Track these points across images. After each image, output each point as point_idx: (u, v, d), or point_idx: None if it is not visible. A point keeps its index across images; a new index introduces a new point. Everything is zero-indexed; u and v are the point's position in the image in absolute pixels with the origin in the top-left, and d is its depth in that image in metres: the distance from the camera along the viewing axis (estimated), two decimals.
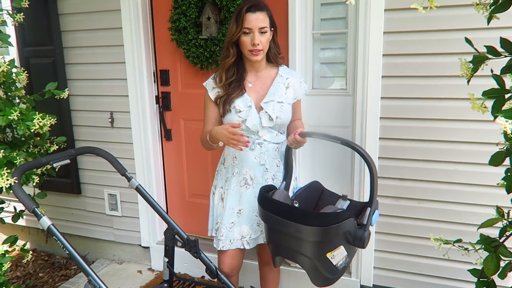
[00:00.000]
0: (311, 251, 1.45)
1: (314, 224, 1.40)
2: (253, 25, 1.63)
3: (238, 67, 1.75)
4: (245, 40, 1.65)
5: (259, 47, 1.65)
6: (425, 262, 2.13)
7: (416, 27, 1.91)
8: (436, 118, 1.97)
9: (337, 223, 1.38)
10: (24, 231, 3.21)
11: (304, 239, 1.43)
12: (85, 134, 2.79)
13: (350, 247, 1.49)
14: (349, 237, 1.44)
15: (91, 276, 1.35)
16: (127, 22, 2.47)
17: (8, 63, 1.69)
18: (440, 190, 2.03)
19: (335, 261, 1.45)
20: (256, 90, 1.76)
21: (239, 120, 1.71)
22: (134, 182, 1.77)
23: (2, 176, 1.41)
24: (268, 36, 1.68)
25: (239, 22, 1.64)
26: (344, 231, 1.42)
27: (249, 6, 1.64)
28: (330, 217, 1.43)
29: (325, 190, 1.80)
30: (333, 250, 1.44)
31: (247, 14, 1.63)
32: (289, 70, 1.84)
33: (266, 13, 1.67)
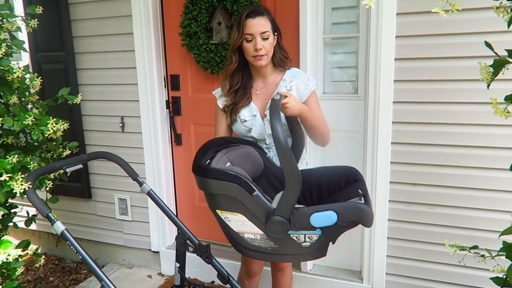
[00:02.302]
0: (207, 201, 1.43)
1: (196, 172, 1.39)
2: (254, 31, 1.61)
3: (243, 75, 1.74)
4: (247, 47, 1.64)
5: (262, 52, 1.63)
6: (438, 268, 2.10)
7: (428, 31, 1.90)
8: (449, 123, 1.95)
9: (210, 178, 1.33)
10: (35, 235, 3.23)
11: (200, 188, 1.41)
12: (96, 139, 2.81)
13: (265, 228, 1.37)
14: (253, 212, 1.33)
15: (104, 281, 1.35)
16: (138, 27, 2.49)
17: (23, 68, 1.70)
18: (453, 195, 2.01)
19: (235, 227, 1.39)
20: (262, 98, 1.75)
21: (245, 129, 1.72)
22: (145, 187, 1.77)
23: (16, 181, 1.42)
24: (271, 40, 1.66)
25: (240, 29, 1.63)
26: (228, 195, 1.32)
27: (249, 12, 1.63)
28: (206, 169, 1.37)
29: (360, 182, 1.54)
30: (225, 212, 1.38)
31: (247, 20, 1.62)
32: (296, 72, 1.77)
33: (267, 17, 1.65)
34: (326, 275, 2.37)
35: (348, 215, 1.28)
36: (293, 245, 1.35)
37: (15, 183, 1.42)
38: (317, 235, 1.32)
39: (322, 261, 2.45)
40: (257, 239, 1.37)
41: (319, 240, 1.34)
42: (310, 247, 1.35)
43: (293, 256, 1.42)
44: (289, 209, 1.27)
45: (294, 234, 1.32)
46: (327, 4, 2.15)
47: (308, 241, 1.34)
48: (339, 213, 1.27)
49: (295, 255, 1.41)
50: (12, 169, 1.49)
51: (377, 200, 2.13)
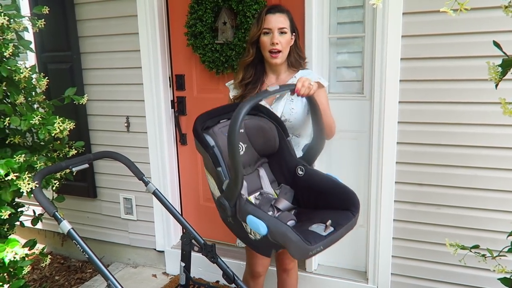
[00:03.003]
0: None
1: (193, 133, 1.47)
2: (273, 26, 1.67)
3: (257, 69, 1.77)
4: (264, 40, 1.69)
5: (278, 47, 1.67)
6: (444, 269, 2.09)
7: (435, 30, 1.89)
8: (456, 123, 1.94)
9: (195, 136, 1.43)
10: (40, 234, 3.24)
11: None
12: (101, 139, 2.82)
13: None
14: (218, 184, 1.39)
15: (110, 280, 1.36)
16: (144, 27, 2.50)
17: (30, 68, 1.71)
18: (460, 195, 2.00)
19: (212, 187, 1.48)
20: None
21: None
22: (151, 186, 1.77)
23: (23, 180, 1.42)
24: (288, 38, 1.70)
25: (259, 23, 1.69)
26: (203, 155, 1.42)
27: (270, 8, 1.70)
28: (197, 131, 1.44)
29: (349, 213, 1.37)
30: (207, 171, 1.47)
31: (267, 15, 1.68)
32: (307, 72, 1.78)
33: (286, 15, 1.70)
34: (331, 275, 2.37)
35: (277, 236, 1.22)
36: (243, 230, 1.39)
37: (22, 182, 1.43)
38: (259, 235, 1.30)
39: (327, 261, 2.44)
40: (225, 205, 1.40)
41: (262, 240, 1.32)
42: (255, 242, 1.38)
43: (242, 238, 1.50)
44: (232, 197, 1.31)
45: (243, 222, 1.33)
46: (333, 3, 2.15)
47: (253, 235, 1.35)
48: (270, 229, 1.22)
49: (243, 239, 1.48)
50: (19, 168, 1.50)
51: (383, 201, 2.12)
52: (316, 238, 1.24)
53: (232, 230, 1.49)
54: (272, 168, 1.65)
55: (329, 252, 2.39)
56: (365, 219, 2.27)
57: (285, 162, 1.61)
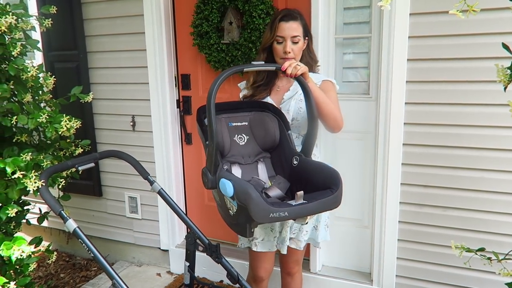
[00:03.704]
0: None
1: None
2: (286, 34, 1.66)
3: (270, 73, 1.78)
4: (277, 48, 1.69)
5: (290, 56, 1.67)
6: (450, 272, 2.07)
7: (442, 31, 1.88)
8: (462, 124, 1.93)
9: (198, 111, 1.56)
10: (46, 232, 3.26)
11: None
12: (107, 137, 2.83)
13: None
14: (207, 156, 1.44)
15: (115, 279, 1.36)
16: (150, 26, 2.50)
17: (37, 67, 1.72)
18: (466, 198, 1.98)
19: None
20: (280, 94, 1.77)
21: None
22: (156, 186, 1.78)
23: (30, 179, 1.43)
24: (301, 45, 1.70)
25: (273, 30, 1.68)
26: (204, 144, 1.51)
27: (283, 16, 1.68)
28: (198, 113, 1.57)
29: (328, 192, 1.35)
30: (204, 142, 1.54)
31: (281, 23, 1.67)
32: (316, 76, 1.78)
33: (299, 22, 1.69)
34: (335, 276, 2.36)
35: (240, 195, 1.25)
36: (225, 208, 1.44)
37: (29, 180, 1.43)
38: (235, 207, 1.32)
39: (331, 262, 2.44)
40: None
41: (237, 214, 1.33)
42: (233, 218, 1.39)
43: (225, 218, 1.52)
44: (209, 164, 1.40)
45: (223, 195, 1.37)
46: (339, 4, 2.14)
47: (231, 210, 1.38)
48: (235, 188, 1.27)
49: (226, 219, 1.51)
50: (26, 166, 1.50)
51: (388, 202, 2.11)
52: (282, 205, 1.26)
53: (220, 213, 1.54)
54: (273, 162, 1.67)
55: (334, 253, 2.40)
56: (370, 220, 2.26)
57: (284, 155, 1.63)
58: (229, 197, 1.33)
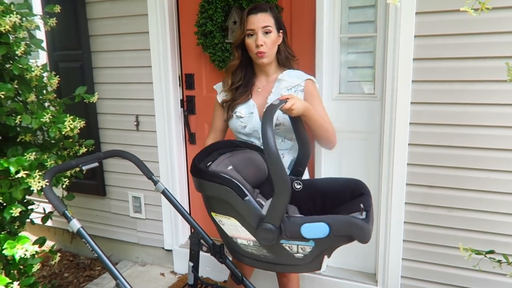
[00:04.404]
0: (204, 203, 1.45)
1: (192, 173, 1.41)
2: (256, 26, 1.62)
3: (247, 72, 1.74)
4: (250, 43, 1.65)
5: (263, 49, 1.63)
6: (455, 273, 2.05)
7: (448, 30, 1.86)
8: (469, 124, 1.91)
9: (201, 178, 1.36)
10: (50, 231, 3.27)
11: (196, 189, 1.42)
12: (111, 137, 2.83)
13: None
14: (245, 218, 1.29)
15: (119, 279, 1.36)
16: (154, 26, 2.50)
17: (41, 67, 1.71)
18: (472, 198, 1.96)
19: (229, 231, 1.36)
20: (263, 96, 1.73)
21: (241, 125, 1.71)
22: (160, 185, 1.77)
23: (34, 178, 1.43)
24: (274, 37, 1.65)
25: (242, 25, 1.65)
26: (221, 198, 1.31)
27: (251, 8, 1.65)
28: (201, 170, 1.38)
29: (367, 196, 1.46)
30: (219, 215, 1.37)
31: (249, 17, 1.64)
32: (295, 73, 1.74)
33: (269, 14, 1.65)
34: (339, 277, 2.35)
35: (341, 229, 1.23)
36: (285, 254, 1.31)
37: (33, 180, 1.43)
38: (310, 247, 1.27)
39: (336, 263, 2.42)
40: (250, 246, 1.35)
41: (312, 252, 1.29)
42: (304, 258, 1.30)
43: (285, 266, 1.37)
44: (278, 216, 1.22)
45: (287, 243, 1.27)
46: (344, 3, 2.13)
47: (301, 252, 1.29)
48: (332, 226, 1.22)
49: (288, 266, 1.36)
50: (29, 166, 1.50)
51: (393, 202, 2.09)
52: (364, 220, 1.26)
53: (274, 263, 1.36)
54: (265, 194, 1.58)
55: (338, 253, 2.37)
56: (375, 221, 2.24)
57: None
58: (313, 238, 1.25)
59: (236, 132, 1.77)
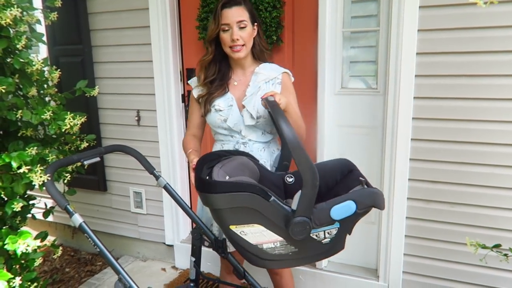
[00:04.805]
0: (216, 220, 1.42)
1: (202, 189, 1.33)
2: (231, 20, 1.57)
3: (221, 66, 1.70)
4: (225, 37, 1.60)
5: (239, 43, 1.59)
6: (457, 268, 2.05)
7: (453, 24, 1.85)
8: (472, 119, 1.90)
9: (220, 192, 1.27)
10: (51, 226, 3.27)
11: (208, 206, 1.36)
12: (112, 132, 2.82)
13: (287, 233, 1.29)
14: (271, 219, 1.28)
15: (121, 274, 1.35)
16: (155, 20, 2.48)
17: (42, 61, 1.70)
18: (475, 193, 1.96)
19: (253, 240, 1.32)
20: (240, 89, 1.70)
21: (220, 119, 1.67)
22: (162, 180, 1.77)
23: (35, 173, 1.42)
24: (249, 31, 1.62)
25: (216, 19, 1.60)
26: (243, 206, 1.27)
27: (225, 2, 1.59)
28: (214, 184, 1.32)
29: (355, 171, 1.52)
30: (240, 226, 1.31)
31: (224, 10, 1.58)
32: (271, 66, 1.73)
33: (244, 7, 1.60)
34: (341, 272, 2.35)
35: (366, 202, 1.29)
36: (313, 244, 1.32)
37: (34, 175, 1.42)
38: (336, 228, 1.31)
39: (337, 258, 2.42)
40: (277, 247, 1.34)
41: (338, 234, 1.32)
42: (331, 242, 1.33)
43: (314, 256, 1.39)
44: (310, 207, 1.23)
45: (315, 232, 1.29)
46: None
47: (328, 236, 1.32)
48: (357, 201, 1.27)
49: (316, 255, 1.38)
50: (31, 161, 1.49)
51: (395, 198, 2.09)
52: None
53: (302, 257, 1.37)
54: None
55: None
56: (376, 216, 2.24)
57: (271, 182, 1.58)
58: (342, 219, 1.28)
59: (215, 127, 1.72)
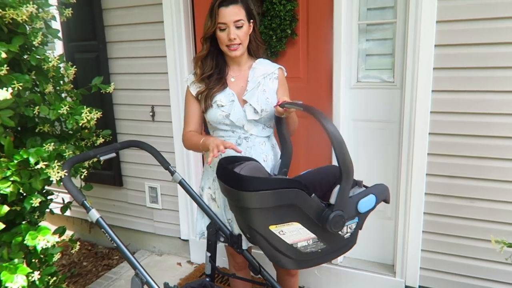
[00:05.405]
0: (253, 221, 1.34)
1: (245, 188, 1.29)
2: (228, 20, 1.55)
3: (218, 62, 1.68)
4: (221, 36, 1.58)
5: (236, 42, 1.58)
6: (477, 264, 2.02)
7: (472, 15, 1.80)
8: (492, 113, 1.85)
9: (268, 189, 1.26)
10: (68, 221, 3.32)
11: (243, 207, 1.32)
12: (127, 128, 2.84)
13: (321, 230, 1.32)
14: (308, 215, 1.30)
15: (138, 269, 1.36)
16: (169, 16, 2.48)
17: (58, 57, 1.72)
18: (495, 189, 1.91)
19: (289, 239, 1.32)
20: (239, 84, 1.69)
21: (222, 114, 1.64)
22: (177, 176, 1.77)
23: (53, 169, 1.44)
24: (246, 29, 1.60)
25: (213, 18, 1.57)
26: (288, 204, 1.28)
27: (222, 1, 1.56)
28: (262, 181, 1.32)
29: None
30: (280, 225, 1.31)
31: (221, 9, 1.55)
32: (266, 62, 1.73)
33: (241, 5, 1.58)
34: (356, 268, 2.33)
35: (381, 196, 1.38)
36: (338, 239, 1.37)
37: (52, 171, 1.44)
38: (355, 223, 1.37)
39: (353, 254, 2.40)
40: (309, 245, 1.36)
41: (356, 228, 1.39)
42: (349, 237, 1.39)
43: (337, 251, 1.44)
44: (347, 201, 1.30)
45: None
46: None
47: (349, 231, 1.37)
48: (377, 195, 1.36)
49: (340, 249, 1.43)
50: (48, 157, 1.51)
51: (413, 193, 2.05)
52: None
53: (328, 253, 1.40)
54: None
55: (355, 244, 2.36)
56: (393, 212, 2.21)
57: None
58: (363, 212, 1.36)
59: (216, 123, 1.69)
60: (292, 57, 2.30)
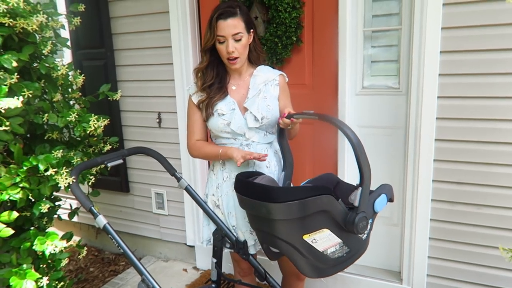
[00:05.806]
0: (284, 233, 1.32)
1: (276, 200, 1.28)
2: (226, 33, 1.56)
3: (219, 71, 1.69)
4: (221, 48, 1.60)
5: (234, 55, 1.59)
6: (484, 272, 2.00)
7: (477, 21, 1.80)
8: (499, 119, 1.85)
9: (301, 198, 1.26)
10: (76, 227, 3.34)
11: (274, 219, 1.30)
12: (134, 134, 2.86)
13: (345, 234, 1.34)
14: (336, 220, 1.31)
15: (144, 275, 1.37)
16: (175, 24, 2.51)
17: (67, 66, 1.74)
18: (503, 195, 1.90)
19: (321, 246, 1.33)
20: (240, 92, 1.70)
21: (223, 123, 1.65)
22: (183, 182, 1.78)
23: (61, 175, 1.46)
24: (245, 42, 1.60)
25: (212, 30, 1.58)
26: (319, 210, 1.28)
27: (220, 13, 1.56)
28: (292, 191, 1.33)
29: (341, 182, 1.59)
30: (312, 233, 1.31)
31: (219, 22, 1.55)
32: (267, 69, 1.73)
33: (239, 17, 1.57)
34: (363, 274, 2.32)
35: (389, 194, 1.43)
36: (358, 241, 1.41)
37: (60, 177, 1.46)
38: (370, 224, 1.39)
39: (359, 260, 2.36)
40: (337, 250, 1.39)
41: (369, 230, 1.41)
42: (366, 238, 1.42)
43: (357, 254, 1.46)
44: (368, 202, 1.33)
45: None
46: None
47: (366, 232, 1.40)
48: (387, 195, 1.41)
49: (358, 252, 1.45)
50: (57, 163, 1.53)
51: (419, 199, 2.05)
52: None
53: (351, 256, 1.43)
54: None
55: None
56: (399, 219, 2.21)
57: None
58: (377, 212, 1.40)
59: (217, 132, 1.70)
60: (298, 64, 2.31)
